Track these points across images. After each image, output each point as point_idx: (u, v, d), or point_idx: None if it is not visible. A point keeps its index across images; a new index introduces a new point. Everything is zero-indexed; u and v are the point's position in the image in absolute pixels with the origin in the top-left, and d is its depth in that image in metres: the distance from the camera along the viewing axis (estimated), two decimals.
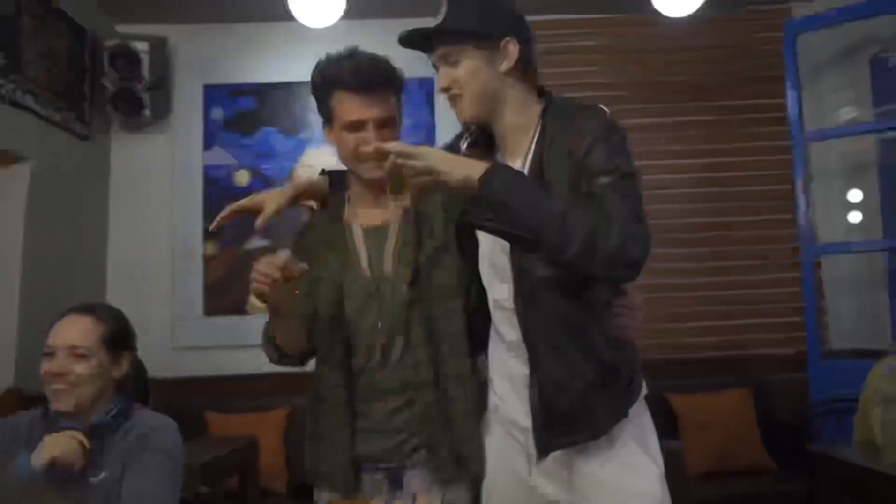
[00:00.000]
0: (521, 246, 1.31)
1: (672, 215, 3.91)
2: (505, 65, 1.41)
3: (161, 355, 3.80)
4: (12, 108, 3.05)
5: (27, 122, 3.17)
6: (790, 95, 3.62)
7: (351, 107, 1.52)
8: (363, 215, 1.62)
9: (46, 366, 1.58)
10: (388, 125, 1.54)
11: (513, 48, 1.41)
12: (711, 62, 4.08)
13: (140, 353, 4.07)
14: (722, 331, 3.93)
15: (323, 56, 1.59)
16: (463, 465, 1.51)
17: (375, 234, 1.60)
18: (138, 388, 1.74)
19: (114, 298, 3.87)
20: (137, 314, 4.06)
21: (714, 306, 3.94)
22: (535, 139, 1.42)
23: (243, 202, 1.63)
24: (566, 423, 1.37)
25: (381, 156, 1.33)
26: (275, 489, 3.39)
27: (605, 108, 1.42)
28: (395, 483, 1.56)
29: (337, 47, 1.61)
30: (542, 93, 1.49)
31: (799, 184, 3.58)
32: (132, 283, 3.86)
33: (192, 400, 3.59)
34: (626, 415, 1.39)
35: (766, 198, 3.98)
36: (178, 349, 3.85)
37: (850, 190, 3.93)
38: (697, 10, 3.33)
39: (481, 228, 1.35)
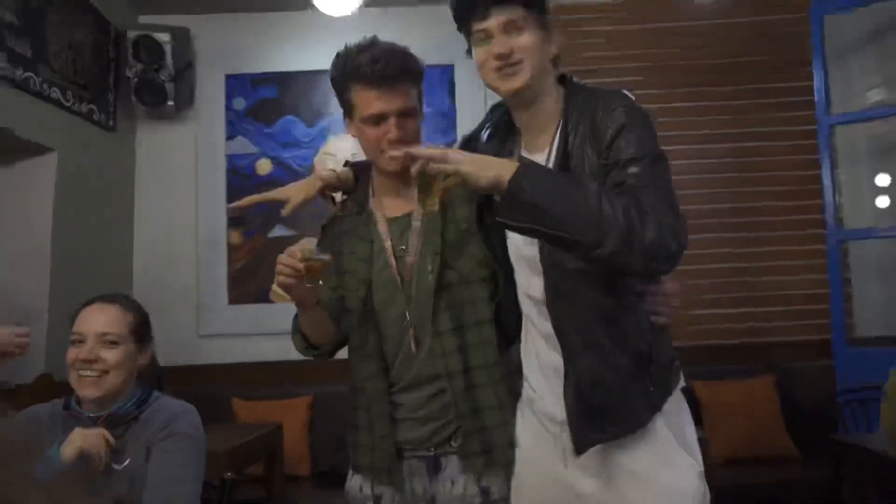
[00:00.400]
0: (556, 244, 1.27)
1: (695, 200, 3.88)
2: (553, 50, 1.42)
3: (187, 343, 3.87)
4: (39, 100, 3.10)
5: (53, 113, 3.22)
6: (816, 78, 3.56)
7: (369, 100, 1.51)
8: (387, 205, 1.62)
9: (75, 352, 1.61)
10: (409, 116, 1.52)
11: (557, 36, 1.43)
12: (736, 44, 4.02)
13: (166, 341, 4.16)
14: (746, 317, 3.89)
15: (342, 47, 1.58)
16: (493, 453, 1.52)
17: (399, 224, 1.60)
18: (153, 376, 1.77)
19: (140, 286, 3.94)
20: (163, 302, 4.18)
21: (738, 293, 3.90)
22: (559, 129, 1.41)
23: (269, 194, 1.64)
24: (603, 417, 1.34)
25: (409, 159, 1.30)
26: (299, 474, 3.44)
27: (628, 93, 1.40)
28: (434, 469, 1.57)
29: (357, 35, 1.59)
30: (562, 80, 1.47)
31: (825, 168, 3.52)
32: (158, 271, 3.92)
33: (217, 387, 3.65)
34: (661, 406, 1.36)
35: (791, 182, 3.92)
36: (204, 337, 3.91)
37: (878, 174, 3.86)
38: None
39: (512, 230, 1.30)
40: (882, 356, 3.30)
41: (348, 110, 1.58)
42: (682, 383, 1.44)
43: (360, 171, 1.70)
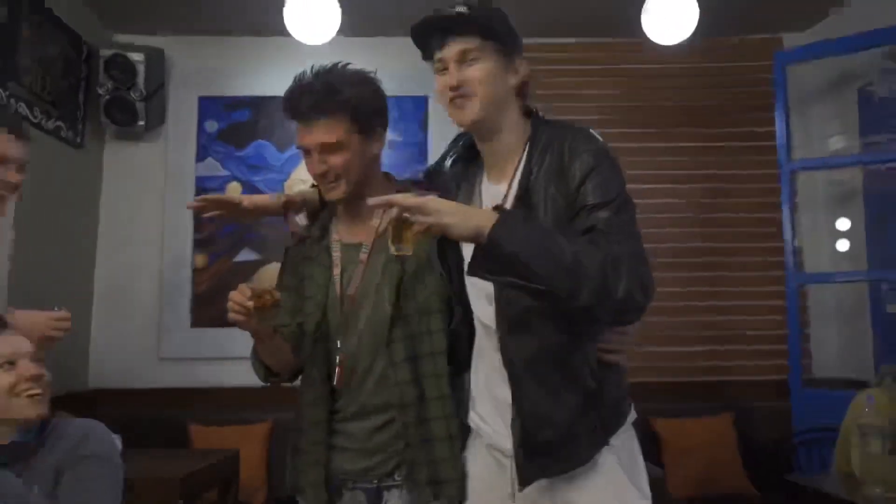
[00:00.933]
0: (531, 295, 1.25)
1: (659, 239, 3.93)
2: (514, 80, 1.42)
3: (147, 366, 3.80)
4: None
5: None
6: (779, 124, 3.66)
7: (299, 133, 1.56)
8: (345, 231, 1.64)
9: None
10: (331, 151, 1.51)
11: (522, 67, 1.43)
12: (703, 88, 4.12)
13: (125, 364, 4.07)
14: (706, 355, 3.94)
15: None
16: (440, 487, 1.51)
17: (351, 251, 1.61)
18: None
19: (101, 307, 3.87)
20: (124, 324, 4.10)
21: (699, 331, 3.95)
22: (523, 162, 1.41)
23: (228, 196, 1.68)
24: (548, 454, 1.34)
25: (385, 205, 1.29)
26: (254, 503, 3.37)
27: (595, 133, 1.40)
28: (375, 501, 1.56)
29: (331, 62, 1.62)
30: (528, 114, 1.48)
31: (786, 212, 3.61)
32: (120, 292, 3.86)
33: (176, 411, 3.57)
34: (607, 442, 1.36)
35: (753, 224, 4.01)
36: (165, 360, 3.84)
37: (837, 218, 3.96)
38: (690, 37, 3.37)
39: (489, 280, 1.29)
40: (838, 398, 3.35)
41: None
42: (632, 416, 1.44)
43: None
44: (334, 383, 1.56)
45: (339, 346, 1.56)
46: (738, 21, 3.97)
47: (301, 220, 1.74)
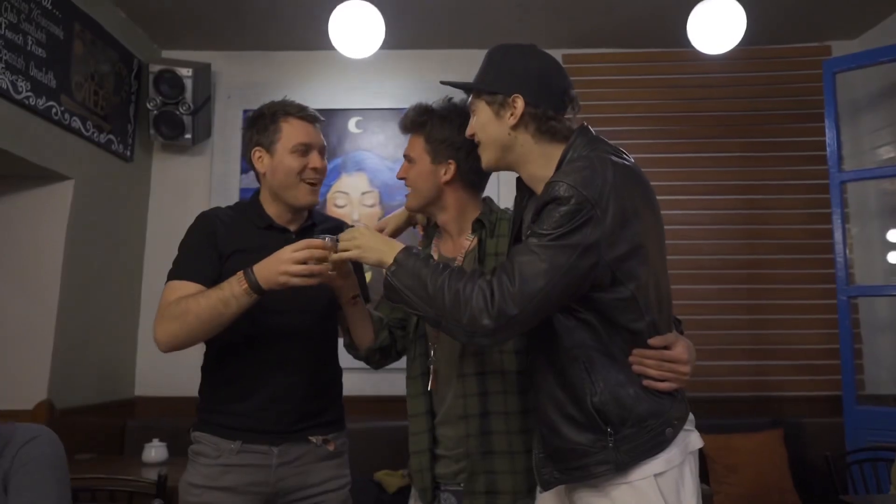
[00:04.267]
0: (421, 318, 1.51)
1: (706, 251, 3.87)
2: (511, 119, 1.47)
3: (191, 374, 3.85)
4: (60, 130, 3.16)
5: (73, 143, 3.28)
6: (828, 134, 3.57)
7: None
8: (443, 246, 1.80)
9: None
10: (409, 162, 1.77)
11: (519, 104, 1.46)
12: (750, 97, 4.07)
13: (169, 371, 4.13)
14: (755, 370, 3.85)
15: (359, 86, 1.76)
16: (496, 498, 1.60)
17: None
18: None
19: (148, 316, 3.95)
20: None
21: (748, 345, 3.87)
22: None
23: (375, 227, 1.85)
24: (561, 461, 1.41)
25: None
26: None
27: (589, 166, 1.35)
28: None
29: (374, 76, 1.71)
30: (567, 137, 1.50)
31: (836, 223, 3.51)
32: None
33: None
34: (628, 468, 1.34)
35: (802, 236, 3.92)
36: None
37: (889, 230, 3.84)
38: (737, 46, 3.33)
39: (391, 302, 1.49)
40: (893, 416, 3.25)
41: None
42: (699, 444, 1.42)
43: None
44: (428, 387, 1.72)
45: (432, 354, 1.72)
46: (786, 29, 3.91)
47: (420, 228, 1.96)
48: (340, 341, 1.90)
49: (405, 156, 1.78)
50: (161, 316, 1.71)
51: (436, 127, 1.72)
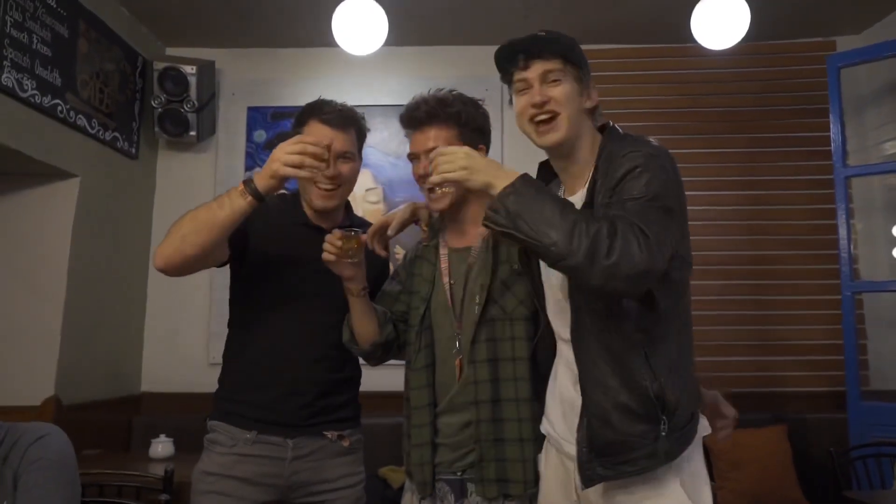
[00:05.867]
0: (530, 249, 1.36)
1: (710, 246, 3.87)
2: (589, 103, 1.50)
3: (197, 370, 3.88)
4: (65, 127, 3.17)
5: (78, 140, 3.30)
6: (833, 129, 3.56)
7: (412, 141, 1.75)
8: (451, 237, 1.77)
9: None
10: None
11: (594, 92, 1.51)
12: (754, 93, 4.06)
13: (175, 368, 4.14)
14: (759, 366, 3.85)
15: (362, 83, 1.73)
16: (507, 485, 1.59)
17: (458, 255, 1.74)
18: None
19: (153, 313, 3.97)
20: (175, 329, 4.19)
21: (752, 340, 3.86)
22: (592, 173, 1.46)
23: (377, 226, 1.79)
24: (609, 455, 1.36)
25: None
26: None
27: (653, 141, 1.43)
28: (460, 493, 1.65)
29: (377, 73, 1.70)
30: (602, 129, 1.55)
31: (840, 218, 3.51)
32: (171, 297, 3.95)
33: None
34: (676, 457, 1.35)
35: (806, 231, 3.92)
36: (214, 365, 3.89)
37: (894, 225, 3.83)
38: (741, 41, 3.32)
39: (492, 229, 1.37)
40: None
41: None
42: (706, 430, 1.46)
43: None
44: (457, 378, 1.66)
45: (458, 346, 1.67)
46: (791, 25, 3.90)
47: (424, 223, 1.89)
48: None
49: (426, 151, 1.64)
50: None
51: (470, 114, 1.69)
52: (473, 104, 1.73)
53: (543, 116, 1.45)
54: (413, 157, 1.73)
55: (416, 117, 1.69)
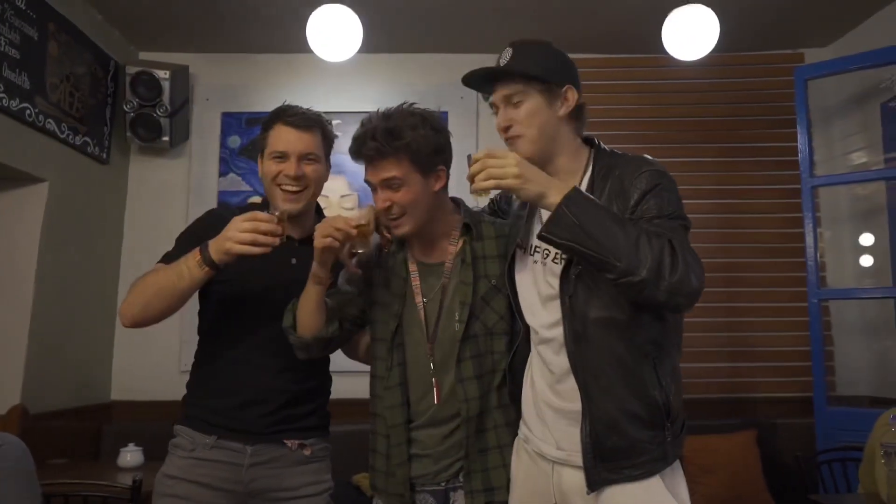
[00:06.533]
0: (592, 264, 1.34)
1: None
2: (563, 109, 1.52)
3: (168, 378, 3.83)
4: (33, 131, 3.13)
5: (47, 144, 3.25)
6: (800, 139, 3.63)
7: (366, 171, 1.68)
8: (419, 251, 1.73)
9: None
10: (395, 188, 1.62)
11: (571, 95, 1.53)
12: (724, 103, 4.12)
13: (146, 375, 4.08)
14: (727, 371, 3.90)
15: (337, 90, 1.71)
16: (493, 493, 1.61)
17: (430, 271, 1.70)
18: None
19: None
20: (145, 337, 4.12)
21: (721, 347, 3.92)
22: (584, 184, 1.50)
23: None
24: (615, 460, 1.40)
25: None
26: None
27: (651, 159, 1.49)
28: (444, 502, 1.66)
29: (352, 80, 1.69)
30: (589, 142, 1.59)
31: (807, 227, 3.57)
32: None
33: None
34: (675, 460, 1.43)
35: (775, 240, 3.98)
36: (185, 372, 3.84)
37: (861, 234, 3.92)
38: (711, 52, 3.38)
39: (554, 245, 1.38)
40: (863, 416, 3.30)
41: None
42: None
43: None
44: (434, 402, 1.64)
45: (432, 368, 1.64)
46: (759, 37, 3.97)
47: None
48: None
49: (381, 182, 1.61)
50: (128, 291, 1.75)
51: (421, 141, 1.60)
52: (428, 124, 1.63)
53: (511, 136, 1.52)
54: (370, 184, 1.66)
55: (365, 154, 1.62)
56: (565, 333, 1.45)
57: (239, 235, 1.58)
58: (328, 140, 1.91)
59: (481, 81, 1.57)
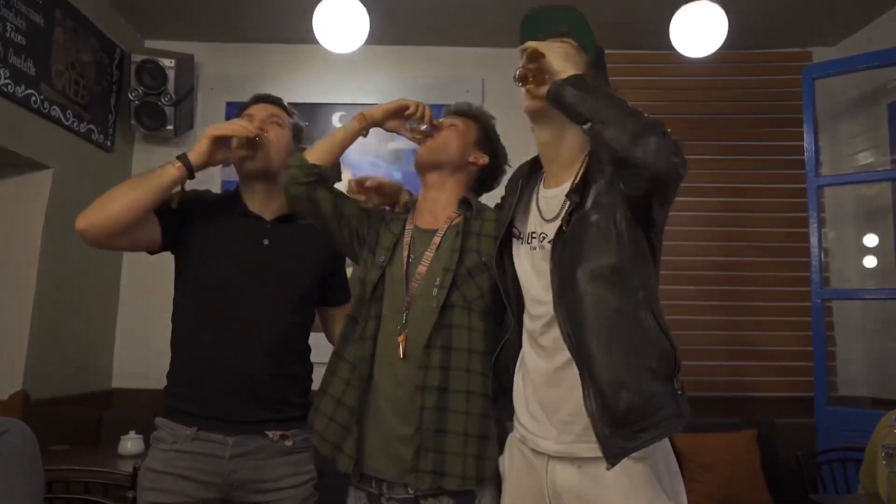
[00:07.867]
0: (592, 127, 1.38)
1: (684, 252, 3.91)
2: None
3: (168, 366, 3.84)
4: (39, 118, 3.12)
5: (52, 132, 3.25)
6: (806, 139, 3.62)
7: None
8: (420, 217, 1.77)
9: None
10: (455, 126, 1.81)
11: (592, 73, 1.54)
12: (731, 101, 4.11)
13: (147, 363, 4.09)
14: (729, 370, 3.89)
15: (342, 80, 1.74)
16: (442, 479, 1.54)
17: (422, 235, 1.72)
18: None
19: (125, 307, 3.92)
20: (147, 324, 4.14)
21: (723, 345, 3.91)
22: (581, 171, 1.49)
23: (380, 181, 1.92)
24: (632, 422, 1.30)
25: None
26: None
27: None
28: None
29: (358, 71, 1.70)
30: None
31: (812, 226, 3.56)
32: (144, 292, 3.90)
33: None
34: (688, 417, 1.35)
35: (780, 239, 3.97)
36: None
37: (865, 234, 3.90)
38: (719, 49, 3.36)
39: (559, 101, 1.42)
40: (864, 417, 3.30)
41: None
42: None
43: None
44: (400, 356, 1.60)
45: (405, 321, 1.63)
46: (767, 35, 3.95)
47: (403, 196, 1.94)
48: (314, 338, 1.91)
49: (448, 124, 1.80)
50: None
51: (492, 127, 1.86)
52: (499, 141, 1.89)
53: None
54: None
55: (460, 108, 1.87)
56: (556, 296, 1.40)
57: (219, 125, 1.75)
58: (298, 128, 2.01)
59: (536, 23, 1.69)
